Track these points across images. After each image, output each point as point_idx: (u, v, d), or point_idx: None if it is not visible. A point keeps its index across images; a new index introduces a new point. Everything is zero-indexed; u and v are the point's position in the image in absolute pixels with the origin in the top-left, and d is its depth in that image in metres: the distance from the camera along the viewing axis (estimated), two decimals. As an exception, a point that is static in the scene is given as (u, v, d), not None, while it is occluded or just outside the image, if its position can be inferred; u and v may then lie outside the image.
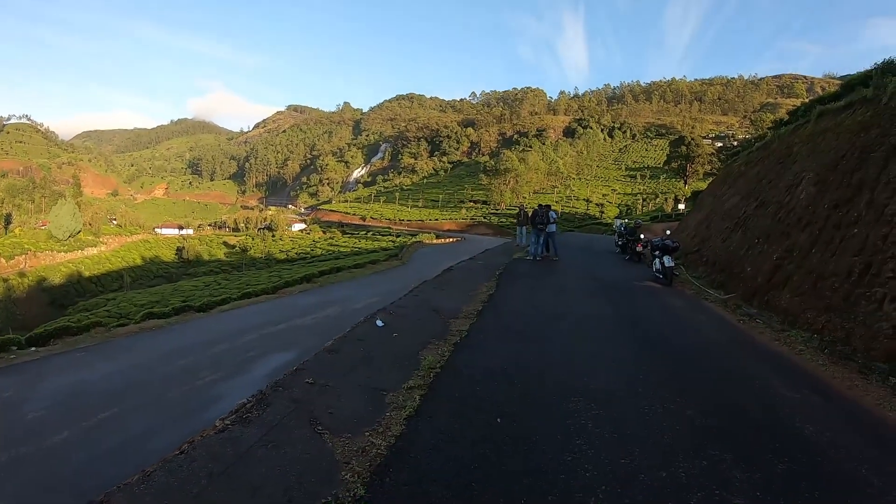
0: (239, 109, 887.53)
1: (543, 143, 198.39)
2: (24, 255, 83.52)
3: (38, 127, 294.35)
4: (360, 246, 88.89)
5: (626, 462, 5.54)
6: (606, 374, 8.59)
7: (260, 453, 5.59)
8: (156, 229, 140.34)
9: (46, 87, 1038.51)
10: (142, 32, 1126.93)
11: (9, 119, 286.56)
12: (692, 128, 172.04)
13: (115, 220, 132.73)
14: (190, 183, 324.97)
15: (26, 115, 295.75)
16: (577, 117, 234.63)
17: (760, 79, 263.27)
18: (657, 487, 5.09)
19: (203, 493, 4.86)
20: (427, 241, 67.78)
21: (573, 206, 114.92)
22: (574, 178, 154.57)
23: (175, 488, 4.96)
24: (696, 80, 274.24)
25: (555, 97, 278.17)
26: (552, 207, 26.50)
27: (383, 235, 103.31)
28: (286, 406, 6.80)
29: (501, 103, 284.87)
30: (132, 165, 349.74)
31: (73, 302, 69.81)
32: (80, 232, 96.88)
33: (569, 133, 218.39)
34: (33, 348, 15.89)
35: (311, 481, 5.09)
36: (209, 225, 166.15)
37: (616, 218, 69.95)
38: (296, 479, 5.10)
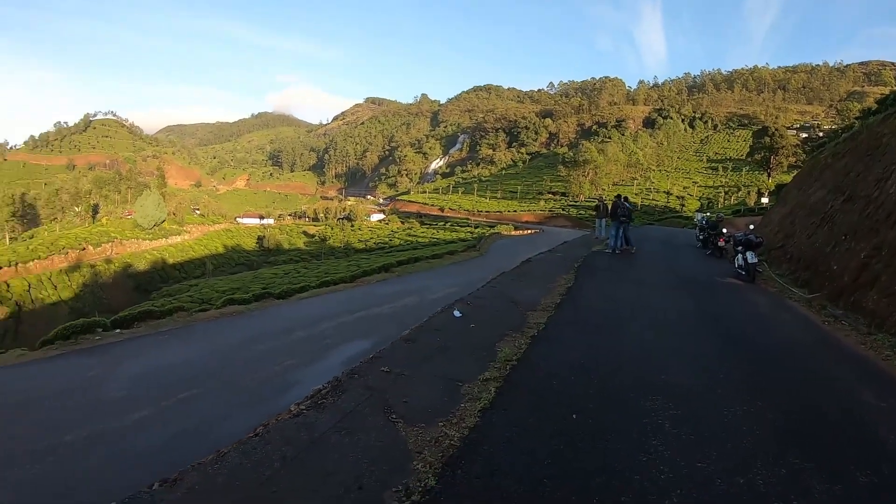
0: (318, 102, 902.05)
1: (623, 134, 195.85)
2: (110, 243, 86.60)
3: (123, 122, 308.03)
4: (438, 237, 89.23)
5: (703, 466, 5.35)
6: (685, 371, 8.37)
7: (333, 439, 5.64)
8: (237, 219, 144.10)
9: (132, 85, 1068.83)
10: (223, 31, 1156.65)
11: (95, 115, 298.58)
12: (776, 118, 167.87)
13: (198, 209, 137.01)
14: (271, 174, 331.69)
15: (112, 112, 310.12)
16: (657, 107, 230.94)
17: (846, 66, 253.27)
18: (734, 494, 4.89)
19: (275, 476, 4.92)
20: (505, 233, 67.77)
21: (653, 199, 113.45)
22: (654, 170, 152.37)
23: (248, 469, 5.05)
24: (778, 67, 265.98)
25: (634, 87, 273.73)
26: (628, 199, 26.21)
27: (461, 226, 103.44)
28: (361, 393, 6.85)
29: (579, 93, 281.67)
30: (214, 158, 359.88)
31: (157, 287, 72.22)
32: (164, 221, 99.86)
33: (648, 123, 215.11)
34: (118, 330, 16.35)
35: (382, 469, 5.10)
36: (289, 215, 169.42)
37: (697, 211, 68.62)
38: (367, 467, 5.12)
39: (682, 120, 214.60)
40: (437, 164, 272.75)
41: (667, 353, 9.40)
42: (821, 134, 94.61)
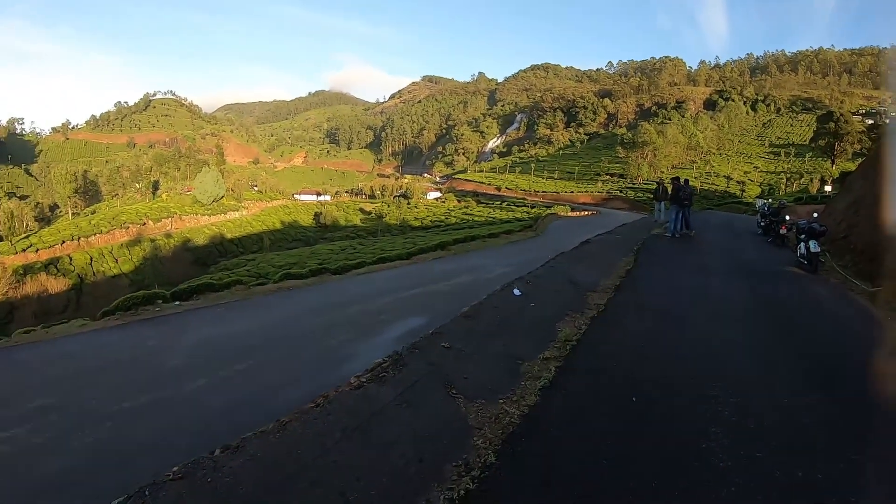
0: (375, 81, 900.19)
1: (683, 116, 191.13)
2: (170, 218, 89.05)
3: (183, 101, 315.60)
4: (494, 216, 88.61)
5: (762, 456, 5.23)
6: (744, 360, 8.27)
7: (394, 413, 5.68)
8: (295, 195, 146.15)
9: (190, 65, 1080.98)
10: (280, 11, 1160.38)
11: (154, 95, 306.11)
12: (841, 102, 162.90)
13: (256, 186, 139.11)
14: (328, 152, 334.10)
15: (171, 91, 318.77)
16: (718, 88, 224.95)
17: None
18: (792, 487, 4.79)
19: (336, 447, 4.96)
20: (562, 214, 67.08)
21: (713, 183, 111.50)
22: (714, 154, 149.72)
23: (309, 439, 5.09)
24: (844, 49, 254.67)
25: (694, 67, 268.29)
26: (688, 182, 25.84)
27: (518, 206, 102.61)
28: (422, 368, 6.87)
29: (639, 73, 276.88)
30: (272, 135, 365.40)
31: (215, 261, 73.83)
32: (222, 197, 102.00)
33: (709, 105, 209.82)
34: (177, 302, 16.65)
35: (443, 444, 5.14)
36: (346, 192, 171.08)
37: (758, 198, 67.44)
38: (428, 441, 5.15)
39: (744, 102, 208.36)
40: (494, 143, 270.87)
41: (725, 341, 9.28)
42: (888, 121, 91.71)
